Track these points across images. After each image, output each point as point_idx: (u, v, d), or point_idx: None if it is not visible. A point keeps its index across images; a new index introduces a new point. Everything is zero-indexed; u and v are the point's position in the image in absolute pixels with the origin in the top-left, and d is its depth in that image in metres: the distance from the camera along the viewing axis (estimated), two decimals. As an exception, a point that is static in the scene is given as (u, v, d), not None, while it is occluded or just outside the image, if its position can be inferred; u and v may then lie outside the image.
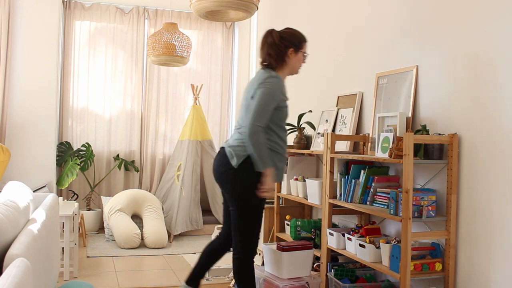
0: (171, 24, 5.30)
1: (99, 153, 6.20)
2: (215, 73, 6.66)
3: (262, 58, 2.93)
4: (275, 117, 2.80)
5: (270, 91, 2.75)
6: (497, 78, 2.59)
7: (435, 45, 3.02)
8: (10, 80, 5.59)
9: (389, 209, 2.91)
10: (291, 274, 3.33)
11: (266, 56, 2.90)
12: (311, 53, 4.55)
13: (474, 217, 2.71)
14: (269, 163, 2.74)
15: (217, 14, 3.63)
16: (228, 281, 4.04)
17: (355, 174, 3.33)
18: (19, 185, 2.87)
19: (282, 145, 2.86)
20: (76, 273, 4.06)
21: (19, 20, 5.59)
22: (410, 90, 3.17)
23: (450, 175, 2.81)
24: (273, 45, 2.88)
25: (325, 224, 3.48)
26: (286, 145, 2.92)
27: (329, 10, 4.26)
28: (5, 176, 5.46)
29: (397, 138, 2.89)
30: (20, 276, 1.51)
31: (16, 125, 5.61)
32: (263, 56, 2.92)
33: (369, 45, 3.67)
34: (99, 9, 6.19)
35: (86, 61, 6.18)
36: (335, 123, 3.96)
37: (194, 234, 5.77)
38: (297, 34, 2.95)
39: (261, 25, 5.81)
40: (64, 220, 3.84)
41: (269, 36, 2.91)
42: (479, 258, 2.68)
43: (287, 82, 3.00)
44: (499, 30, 2.58)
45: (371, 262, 3.03)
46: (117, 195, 5.51)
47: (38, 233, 2.28)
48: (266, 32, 2.94)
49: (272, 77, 2.81)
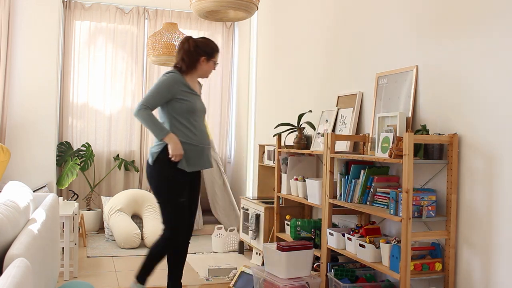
0: (171, 24, 5.30)
1: (99, 153, 6.20)
2: (215, 73, 6.66)
3: (176, 61, 3.26)
4: (177, 108, 3.16)
5: (163, 81, 3.15)
6: (497, 78, 2.59)
7: (435, 45, 3.02)
8: (10, 80, 5.59)
9: (389, 209, 2.91)
10: (291, 274, 3.33)
11: (180, 60, 3.24)
12: (311, 52, 4.56)
13: (474, 217, 2.71)
14: (164, 131, 3.08)
15: (217, 14, 3.63)
16: (228, 281, 4.04)
17: (355, 174, 3.33)
18: (19, 185, 2.87)
19: (190, 135, 3.18)
20: (76, 273, 4.06)
21: (19, 20, 5.59)
22: (410, 90, 3.17)
23: (450, 175, 2.81)
24: (188, 52, 3.23)
25: (325, 224, 3.48)
26: (201, 136, 3.23)
27: (329, 10, 4.26)
28: (5, 176, 5.46)
29: (397, 138, 2.89)
30: (20, 276, 1.51)
31: (16, 125, 5.61)
32: (177, 59, 3.26)
33: (369, 45, 3.67)
34: (99, 9, 6.19)
35: (86, 61, 6.18)
36: (335, 123, 3.96)
37: (194, 234, 5.76)
38: (211, 44, 3.30)
39: (261, 25, 5.81)
40: (64, 220, 3.84)
41: (186, 43, 3.25)
42: (479, 258, 2.68)
43: (287, 82, 3.00)
44: (499, 30, 2.58)
45: (371, 262, 3.03)
46: (117, 195, 5.51)
47: (38, 233, 2.28)
48: (184, 39, 3.28)
49: (169, 72, 3.20)
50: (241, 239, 4.93)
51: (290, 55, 5.00)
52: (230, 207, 5.86)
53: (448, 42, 2.92)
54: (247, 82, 6.18)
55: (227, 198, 5.88)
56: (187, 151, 3.17)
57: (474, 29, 2.74)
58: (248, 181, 6.05)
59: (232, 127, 6.80)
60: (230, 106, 6.78)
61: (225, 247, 5.07)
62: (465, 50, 2.80)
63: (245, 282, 3.72)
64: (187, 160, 3.17)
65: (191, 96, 3.23)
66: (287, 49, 5.07)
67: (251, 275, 3.68)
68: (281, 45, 5.23)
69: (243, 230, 4.87)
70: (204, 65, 3.27)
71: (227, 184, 5.94)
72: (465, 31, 2.80)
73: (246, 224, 4.80)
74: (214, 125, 6.67)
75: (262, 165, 5.02)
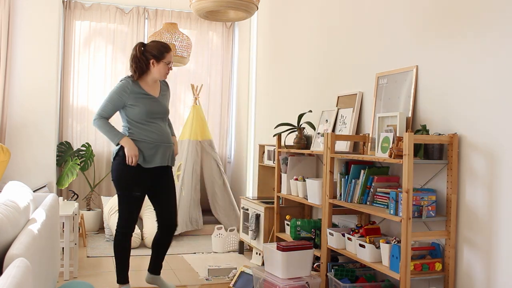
0: (171, 24, 5.30)
1: (99, 153, 6.20)
2: (215, 73, 6.66)
3: (130, 68, 3.48)
4: (130, 113, 3.41)
5: (114, 90, 3.42)
6: (497, 77, 2.59)
7: (435, 45, 3.02)
8: (10, 80, 5.59)
9: (389, 209, 2.91)
10: (291, 274, 3.33)
11: (130, 67, 3.47)
12: (311, 52, 4.56)
13: (474, 217, 2.71)
14: (118, 136, 3.37)
15: (217, 14, 3.63)
16: (228, 281, 4.04)
17: (355, 174, 3.33)
18: (19, 185, 2.87)
19: (146, 133, 3.41)
20: (76, 273, 4.06)
21: (19, 20, 5.59)
22: (410, 90, 3.17)
23: (450, 175, 2.81)
24: (135, 57, 3.42)
25: (325, 224, 3.48)
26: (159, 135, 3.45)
27: (329, 9, 4.26)
28: (5, 176, 5.46)
29: (397, 138, 2.89)
30: (20, 276, 1.51)
31: (16, 125, 5.61)
32: (130, 66, 3.48)
33: (369, 45, 3.67)
34: (99, 9, 6.19)
35: (86, 61, 6.18)
36: (335, 123, 3.96)
37: (194, 234, 5.76)
38: (158, 46, 3.44)
39: (261, 25, 5.81)
40: (64, 220, 3.84)
41: (134, 50, 3.44)
42: (479, 258, 2.68)
43: (287, 81, 3.00)
44: (499, 29, 2.58)
45: (371, 262, 3.03)
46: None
47: (38, 233, 2.28)
48: (134, 46, 3.47)
49: (120, 81, 3.45)
50: (241, 239, 4.93)
51: (290, 55, 5.00)
52: (230, 207, 5.86)
53: (448, 42, 2.92)
54: (247, 82, 6.18)
55: (227, 198, 5.88)
56: (144, 149, 3.41)
57: (474, 29, 2.74)
58: (248, 181, 6.05)
59: (232, 127, 6.80)
60: (230, 106, 6.78)
61: (225, 247, 5.07)
62: (465, 50, 2.80)
63: (245, 282, 3.72)
64: (143, 157, 3.41)
65: (145, 100, 3.43)
66: (287, 49, 5.07)
67: (251, 275, 3.68)
68: (281, 45, 5.23)
69: (243, 230, 4.87)
70: (155, 68, 3.43)
71: (227, 184, 5.94)
72: (465, 31, 2.80)
73: (246, 224, 4.80)
74: (214, 125, 6.67)
75: (262, 165, 5.02)
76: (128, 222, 3.49)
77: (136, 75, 3.43)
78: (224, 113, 6.73)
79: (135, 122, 3.42)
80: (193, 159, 5.77)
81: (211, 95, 6.66)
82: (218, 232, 5.13)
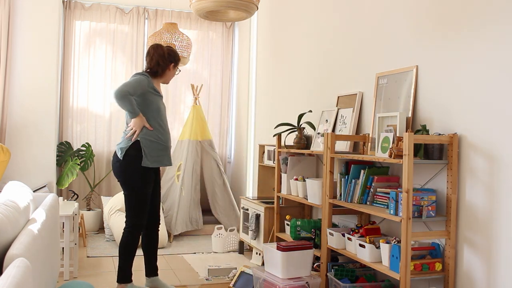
0: (171, 24, 5.30)
1: (99, 153, 6.20)
2: (215, 73, 6.66)
3: (151, 66, 3.55)
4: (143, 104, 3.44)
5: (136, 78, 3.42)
6: (498, 77, 2.59)
7: (435, 45, 3.02)
8: (10, 80, 5.59)
9: (389, 209, 2.91)
10: (291, 274, 3.33)
11: (155, 64, 3.54)
12: (311, 52, 4.56)
13: (474, 217, 2.71)
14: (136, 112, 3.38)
15: (217, 14, 3.64)
16: (228, 281, 4.04)
17: (355, 174, 3.33)
18: (19, 185, 2.87)
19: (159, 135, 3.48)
20: (76, 273, 4.06)
21: (19, 20, 5.59)
22: (410, 90, 3.17)
23: (450, 175, 2.81)
24: (163, 57, 3.54)
25: (325, 224, 3.48)
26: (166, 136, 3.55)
27: (329, 9, 4.26)
28: (5, 176, 5.46)
29: (397, 138, 2.89)
30: (20, 276, 1.51)
31: (16, 125, 5.61)
32: (152, 64, 3.55)
33: (369, 45, 3.67)
34: (99, 9, 6.19)
35: (86, 61, 6.18)
36: (335, 123, 3.96)
37: (194, 234, 5.77)
38: (176, 53, 3.64)
39: (261, 25, 5.81)
40: (64, 220, 3.84)
41: (160, 49, 3.56)
42: (479, 258, 2.68)
43: (287, 81, 3.00)
44: (499, 29, 2.58)
45: (371, 262, 3.03)
46: (117, 195, 5.51)
47: (38, 233, 2.28)
48: (156, 45, 3.59)
49: (139, 73, 3.50)
50: (241, 239, 4.93)
51: (290, 55, 5.00)
52: (230, 207, 5.86)
53: (448, 42, 2.92)
54: (247, 82, 6.17)
55: (227, 198, 5.88)
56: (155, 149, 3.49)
57: (474, 29, 2.74)
58: (248, 181, 6.05)
59: (232, 127, 6.80)
60: (230, 106, 6.78)
61: (225, 247, 5.07)
62: (465, 50, 2.80)
63: (245, 282, 3.72)
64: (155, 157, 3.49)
65: (157, 98, 3.54)
66: (287, 49, 5.07)
67: (251, 275, 3.68)
68: (281, 45, 5.23)
69: (243, 230, 4.87)
70: (170, 71, 3.62)
71: (227, 184, 5.94)
72: (465, 31, 2.80)
73: (246, 224, 4.80)
74: (214, 125, 6.67)
75: (262, 165, 5.02)
76: (142, 221, 3.53)
77: (154, 73, 3.56)
78: (224, 113, 6.73)
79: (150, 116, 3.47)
80: (193, 159, 5.77)
81: (211, 95, 6.66)
82: (218, 232, 5.13)
